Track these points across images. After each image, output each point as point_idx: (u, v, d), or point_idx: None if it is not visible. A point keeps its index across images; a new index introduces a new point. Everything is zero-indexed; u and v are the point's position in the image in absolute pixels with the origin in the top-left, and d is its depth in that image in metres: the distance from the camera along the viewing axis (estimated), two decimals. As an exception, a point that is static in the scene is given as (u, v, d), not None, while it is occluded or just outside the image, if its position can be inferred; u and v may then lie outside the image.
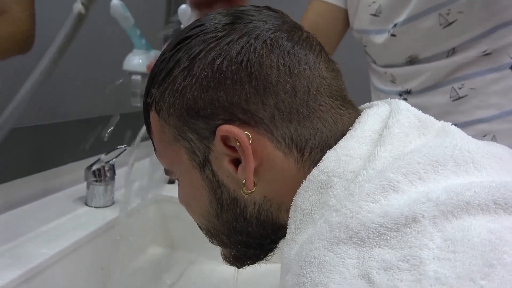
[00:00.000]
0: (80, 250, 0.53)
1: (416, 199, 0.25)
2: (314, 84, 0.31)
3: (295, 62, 0.30)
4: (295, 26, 0.33)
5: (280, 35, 0.31)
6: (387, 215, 0.24)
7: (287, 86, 0.30)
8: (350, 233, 0.24)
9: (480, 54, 0.58)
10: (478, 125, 0.60)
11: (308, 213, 0.28)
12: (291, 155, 0.30)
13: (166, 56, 0.32)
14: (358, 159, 0.29)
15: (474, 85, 0.59)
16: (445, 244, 0.23)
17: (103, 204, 0.62)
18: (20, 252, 0.48)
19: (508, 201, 0.25)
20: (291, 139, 0.30)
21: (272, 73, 0.30)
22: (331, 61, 0.34)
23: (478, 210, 0.24)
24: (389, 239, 0.24)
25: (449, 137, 0.30)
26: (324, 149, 0.30)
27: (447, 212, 0.24)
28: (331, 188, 0.28)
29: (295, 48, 0.31)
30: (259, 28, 0.31)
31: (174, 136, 0.32)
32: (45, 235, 0.52)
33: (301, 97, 0.30)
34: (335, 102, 0.32)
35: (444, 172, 0.27)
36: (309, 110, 0.30)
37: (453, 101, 0.61)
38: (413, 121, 0.31)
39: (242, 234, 0.34)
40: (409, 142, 0.30)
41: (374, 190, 0.25)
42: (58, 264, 0.49)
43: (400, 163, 0.27)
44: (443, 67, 0.60)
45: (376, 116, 0.32)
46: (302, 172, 0.30)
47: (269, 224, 0.32)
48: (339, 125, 0.31)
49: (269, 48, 0.30)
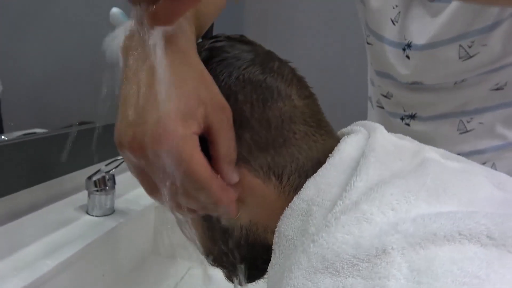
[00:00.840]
0: (82, 259, 0.55)
1: (386, 231, 0.27)
2: (287, 114, 0.33)
3: (267, 95, 0.33)
4: (267, 57, 0.35)
5: (252, 70, 0.33)
6: (360, 246, 0.26)
7: (261, 119, 0.32)
8: (326, 264, 0.27)
9: (492, 87, 0.57)
10: (481, 155, 0.61)
11: (290, 239, 0.31)
12: (270, 182, 0.33)
13: None
14: (336, 188, 0.31)
15: (484, 120, 0.59)
16: (411, 274, 0.25)
17: (104, 213, 0.64)
18: (23, 263, 0.50)
19: (472, 231, 0.27)
20: (268, 167, 0.32)
21: (246, 108, 0.32)
22: (304, 87, 0.36)
23: (444, 241, 0.26)
24: (361, 269, 0.26)
25: (422, 165, 0.32)
26: (301, 174, 0.33)
27: (415, 244, 0.26)
28: (310, 217, 0.30)
29: (266, 80, 0.33)
30: (232, 65, 0.33)
31: None
32: (48, 245, 0.54)
33: (275, 128, 0.32)
34: (310, 129, 0.34)
35: (416, 202, 0.29)
36: (284, 139, 0.33)
37: (460, 134, 0.60)
38: (389, 148, 0.33)
39: (233, 255, 0.36)
40: (385, 170, 0.32)
41: (349, 222, 0.28)
42: (61, 274, 0.52)
43: (374, 195, 0.29)
44: (450, 97, 0.59)
45: (353, 144, 0.34)
46: (282, 197, 0.33)
47: (258, 245, 0.35)
48: (314, 151, 0.34)
49: (241, 84, 0.32)
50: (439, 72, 0.58)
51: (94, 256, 0.58)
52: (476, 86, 0.57)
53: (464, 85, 0.57)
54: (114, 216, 0.65)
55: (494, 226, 0.27)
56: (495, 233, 0.26)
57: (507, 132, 0.59)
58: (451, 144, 0.60)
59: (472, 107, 0.59)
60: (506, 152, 0.60)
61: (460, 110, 0.59)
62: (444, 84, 0.59)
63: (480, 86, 0.57)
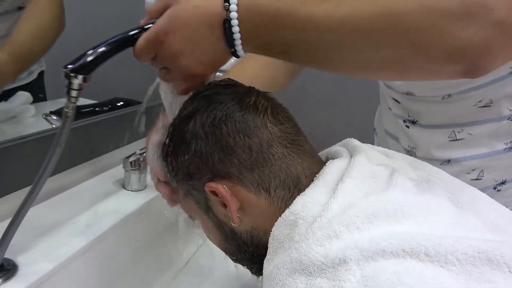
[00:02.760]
0: (121, 227, 0.67)
1: (348, 246, 0.36)
2: (264, 140, 0.42)
3: (246, 128, 0.42)
4: (245, 94, 0.45)
5: (232, 109, 0.43)
6: (328, 256, 0.36)
7: (243, 146, 0.42)
8: (303, 266, 0.36)
9: (477, 104, 0.61)
10: (469, 161, 0.66)
11: (281, 242, 0.41)
12: (260, 195, 0.43)
13: (166, 135, 0.48)
14: (318, 206, 0.40)
15: (472, 132, 0.64)
16: (362, 279, 0.34)
17: (137, 188, 0.76)
18: (78, 228, 0.61)
19: (413, 250, 0.35)
20: (257, 183, 0.42)
21: (230, 139, 0.42)
22: (280, 114, 0.45)
23: (390, 256, 0.35)
24: (327, 273, 0.35)
25: (388, 191, 0.40)
26: (285, 188, 0.43)
27: (368, 257, 0.35)
28: (296, 227, 0.40)
29: (244, 116, 0.43)
30: (216, 109, 0.43)
31: (184, 193, 0.45)
32: (94, 214, 0.66)
33: (256, 152, 0.42)
34: (286, 150, 0.43)
35: (377, 222, 0.38)
36: (265, 160, 0.42)
37: (450, 141, 0.66)
38: (365, 174, 0.42)
39: (245, 253, 0.47)
40: (359, 191, 0.41)
41: (322, 237, 0.37)
42: (106, 239, 0.64)
43: (344, 217, 0.38)
44: (442, 110, 0.64)
45: (336, 168, 0.43)
46: (273, 206, 0.43)
47: (261, 245, 0.44)
48: (293, 169, 0.43)
49: (225, 122, 0.42)
50: (423, 85, 0.63)
51: (131, 225, 0.70)
52: (462, 102, 0.62)
53: (451, 100, 0.62)
54: (146, 191, 0.77)
55: (431, 247, 0.35)
56: (432, 252, 0.35)
57: (495, 142, 0.63)
58: (442, 149, 0.66)
59: (462, 121, 0.63)
60: (493, 161, 0.65)
61: (452, 122, 0.64)
62: (433, 97, 0.64)
63: (465, 102, 0.61)
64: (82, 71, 0.41)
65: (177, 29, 0.40)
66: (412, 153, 0.72)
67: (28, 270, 0.51)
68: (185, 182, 0.45)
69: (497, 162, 0.65)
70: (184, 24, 0.40)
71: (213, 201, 0.44)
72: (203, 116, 0.43)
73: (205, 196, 0.44)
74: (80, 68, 0.41)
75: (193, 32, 0.40)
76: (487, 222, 0.42)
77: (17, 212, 0.48)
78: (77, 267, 0.58)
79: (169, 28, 0.40)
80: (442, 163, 0.68)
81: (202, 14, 0.40)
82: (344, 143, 0.50)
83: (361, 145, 0.47)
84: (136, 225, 0.72)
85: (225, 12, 0.39)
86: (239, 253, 0.48)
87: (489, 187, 0.67)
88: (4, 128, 0.76)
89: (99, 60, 0.42)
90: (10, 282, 0.49)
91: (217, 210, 0.45)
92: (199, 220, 0.49)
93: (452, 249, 0.35)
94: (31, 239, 0.56)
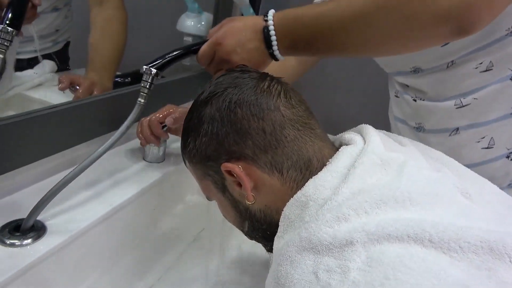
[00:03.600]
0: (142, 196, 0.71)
1: (356, 229, 0.38)
2: (277, 122, 0.45)
3: (259, 111, 0.45)
4: (259, 79, 0.47)
5: (247, 93, 0.45)
6: (336, 237, 0.38)
7: (257, 129, 0.44)
8: (311, 245, 0.39)
9: (479, 67, 0.63)
10: (478, 128, 0.67)
11: (292, 221, 0.43)
12: (273, 175, 0.45)
13: (185, 120, 0.51)
14: (329, 190, 0.42)
15: (477, 96, 0.65)
16: (367, 260, 0.36)
17: (156, 160, 0.79)
18: (99, 195, 0.65)
19: (418, 235, 0.36)
20: (270, 164, 0.44)
21: (245, 122, 0.44)
22: (292, 98, 0.47)
23: (395, 240, 0.37)
24: (334, 252, 0.37)
25: (397, 179, 0.42)
26: (297, 169, 0.45)
27: (374, 240, 0.37)
28: (307, 208, 0.42)
29: (258, 100, 0.45)
30: (231, 93, 0.46)
31: (202, 174, 0.47)
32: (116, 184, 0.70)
33: (269, 134, 0.44)
34: (298, 132, 0.45)
35: (385, 208, 0.40)
36: (277, 142, 0.44)
37: (457, 108, 0.67)
38: (376, 161, 0.43)
39: (259, 231, 0.50)
40: (370, 177, 0.42)
41: (332, 219, 0.39)
42: (127, 207, 0.67)
43: (353, 202, 0.40)
44: (445, 79, 0.66)
45: (348, 154, 0.44)
46: (285, 187, 0.45)
47: (274, 223, 0.47)
48: (304, 151, 0.45)
49: (240, 106, 0.45)
50: (428, 56, 0.66)
51: (149, 195, 0.74)
52: (464, 66, 0.64)
53: (455, 66, 0.64)
54: (164, 163, 0.80)
55: (435, 233, 0.37)
56: (435, 239, 0.36)
57: (502, 106, 0.64)
58: (449, 118, 0.67)
59: (467, 89, 0.65)
60: (502, 126, 0.65)
61: (458, 92, 0.66)
62: (439, 67, 0.66)
63: (467, 66, 0.63)
64: (160, 69, 0.58)
65: (231, 34, 0.55)
66: (421, 129, 0.73)
67: (55, 231, 0.55)
68: (203, 164, 0.48)
69: (506, 128, 0.65)
70: (237, 31, 0.55)
71: (229, 181, 0.47)
72: (219, 100, 0.46)
73: (222, 176, 0.47)
74: (159, 67, 0.58)
75: (243, 36, 0.54)
76: (495, 214, 0.44)
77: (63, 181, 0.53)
78: (100, 231, 0.62)
79: (226, 34, 0.55)
80: (451, 133, 0.69)
81: (249, 25, 0.55)
82: (359, 129, 0.51)
83: (374, 132, 0.49)
84: (154, 195, 0.76)
85: (264, 22, 0.54)
86: (254, 231, 0.50)
87: (502, 156, 0.67)
88: (31, 96, 0.79)
89: (170, 62, 0.59)
90: (40, 241, 0.53)
91: (233, 190, 0.47)
92: (216, 200, 0.52)
93: (456, 237, 0.36)
94: (58, 203, 0.60)
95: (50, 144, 0.66)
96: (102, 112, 0.76)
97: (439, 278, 0.34)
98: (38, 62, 0.82)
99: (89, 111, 0.72)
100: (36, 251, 0.51)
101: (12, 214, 0.56)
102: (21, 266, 0.49)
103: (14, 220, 0.55)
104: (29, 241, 0.52)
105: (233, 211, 0.50)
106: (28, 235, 0.52)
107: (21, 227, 0.53)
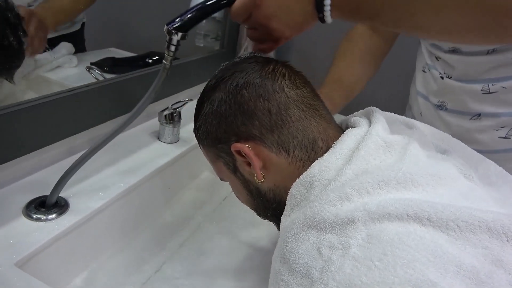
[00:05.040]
0: (157, 175, 0.74)
1: (357, 208, 0.40)
2: (282, 103, 0.46)
3: (265, 92, 0.46)
4: (264, 63, 0.49)
5: (252, 76, 0.47)
6: (338, 216, 0.40)
7: (263, 109, 0.46)
8: (315, 223, 0.41)
9: None
10: (499, 117, 0.67)
11: (298, 201, 0.45)
12: (280, 154, 0.47)
13: (196, 105, 0.52)
14: (333, 171, 0.44)
15: (507, 85, 0.64)
16: (367, 237, 0.38)
17: (171, 140, 0.82)
18: (121, 171, 0.69)
19: (417, 215, 0.38)
20: (277, 143, 0.46)
21: (251, 103, 0.46)
22: (297, 79, 0.49)
23: (395, 219, 0.38)
24: (336, 230, 0.39)
25: (400, 161, 0.43)
26: (302, 148, 0.47)
27: (374, 218, 0.39)
28: (312, 188, 0.44)
29: (263, 82, 0.47)
30: (238, 77, 0.47)
31: (214, 156, 0.50)
32: (132, 163, 0.73)
33: (275, 114, 0.46)
34: (303, 113, 0.47)
35: (387, 189, 0.41)
36: (283, 122, 0.46)
37: (483, 94, 0.67)
38: (380, 143, 0.45)
39: (269, 210, 0.52)
40: (373, 159, 0.44)
41: (335, 198, 0.41)
42: (143, 185, 0.71)
43: (356, 182, 0.41)
44: (482, 63, 0.64)
45: (353, 137, 0.46)
46: (292, 166, 0.47)
47: (282, 202, 0.49)
48: (309, 131, 0.47)
49: (246, 88, 0.47)
50: None
51: (164, 174, 0.77)
52: (503, 54, 0.62)
53: (494, 54, 0.63)
54: (179, 143, 0.83)
55: (434, 213, 0.38)
56: (434, 218, 0.38)
57: None
58: (474, 102, 0.66)
59: (500, 75, 0.64)
60: None
61: (487, 77, 0.65)
62: (479, 52, 0.64)
63: (506, 55, 0.61)
64: (182, 29, 0.48)
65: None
66: (442, 107, 0.73)
67: (77, 207, 0.59)
68: (214, 146, 0.50)
69: None
70: None
71: (239, 161, 0.49)
72: (227, 83, 0.48)
73: (233, 157, 0.49)
74: (180, 26, 0.48)
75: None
76: (497, 196, 0.45)
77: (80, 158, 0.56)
78: (118, 207, 0.65)
79: None
80: (472, 117, 0.69)
81: None
82: (366, 112, 0.53)
83: (380, 115, 0.50)
84: (169, 174, 0.79)
85: None
86: (265, 210, 0.53)
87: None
88: (50, 78, 0.82)
89: (197, 19, 0.49)
90: (64, 216, 0.57)
91: (243, 169, 0.49)
92: (229, 181, 0.54)
93: (454, 217, 0.38)
94: (80, 181, 0.64)
95: (74, 124, 0.68)
96: (120, 93, 0.78)
97: (435, 255, 0.35)
98: (56, 45, 0.85)
99: (107, 92, 0.75)
100: (60, 225, 0.55)
101: (37, 191, 0.60)
102: (47, 238, 0.52)
103: (40, 197, 0.59)
104: (54, 216, 0.56)
105: (244, 191, 0.52)
106: (53, 211, 0.56)
107: (45, 203, 0.56)
